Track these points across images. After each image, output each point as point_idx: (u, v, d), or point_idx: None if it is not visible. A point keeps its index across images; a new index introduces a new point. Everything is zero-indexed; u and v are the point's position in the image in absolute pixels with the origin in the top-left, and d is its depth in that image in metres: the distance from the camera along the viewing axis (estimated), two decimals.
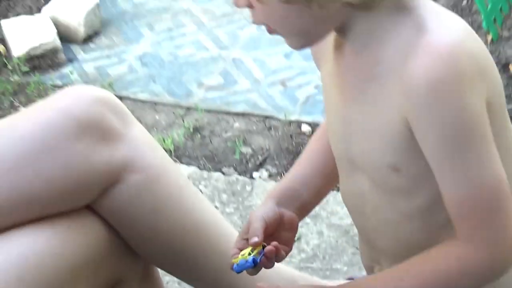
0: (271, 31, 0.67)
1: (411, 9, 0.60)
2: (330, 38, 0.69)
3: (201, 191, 1.54)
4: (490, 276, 0.67)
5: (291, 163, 1.57)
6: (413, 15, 0.60)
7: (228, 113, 1.67)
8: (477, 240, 0.66)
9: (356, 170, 0.76)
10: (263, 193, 1.52)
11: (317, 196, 0.88)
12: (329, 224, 1.47)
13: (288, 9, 0.60)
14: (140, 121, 1.41)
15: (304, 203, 0.84)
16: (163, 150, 1.06)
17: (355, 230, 1.56)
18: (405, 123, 0.64)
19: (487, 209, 0.65)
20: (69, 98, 0.97)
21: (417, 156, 0.66)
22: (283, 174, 1.57)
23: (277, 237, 0.78)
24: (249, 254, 0.73)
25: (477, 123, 0.62)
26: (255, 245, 0.74)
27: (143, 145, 0.99)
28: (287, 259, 1.39)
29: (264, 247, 0.75)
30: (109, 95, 1.00)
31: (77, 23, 1.84)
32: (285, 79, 1.68)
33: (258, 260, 0.74)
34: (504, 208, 0.63)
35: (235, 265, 0.76)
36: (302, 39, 0.68)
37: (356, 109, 0.70)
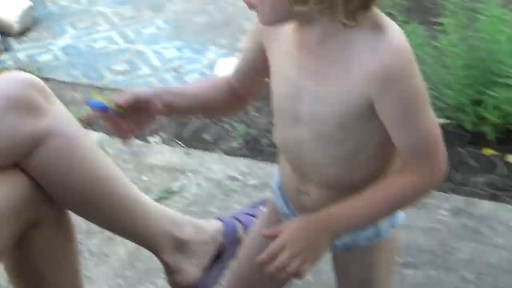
0: (250, 5, 0.76)
1: (372, 16, 0.71)
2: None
3: (106, 152, 1.71)
4: (428, 194, 0.85)
5: (179, 130, 1.88)
6: (373, 19, 0.72)
7: None
8: (425, 171, 0.81)
9: (298, 124, 0.88)
10: (156, 154, 1.81)
11: (185, 110, 1.03)
12: (206, 178, 1.71)
13: None
14: (62, 99, 1.69)
15: (174, 107, 0.95)
16: (78, 122, 1.18)
17: (227, 183, 1.76)
18: (367, 97, 0.77)
19: (431, 151, 0.80)
20: (3, 81, 1.10)
21: (365, 119, 0.81)
22: (173, 139, 1.86)
23: (136, 115, 0.90)
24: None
25: (423, 94, 0.77)
26: (115, 103, 0.84)
27: (61, 118, 1.11)
28: (173, 204, 1.56)
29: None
30: (35, 78, 1.12)
31: (14, 20, 2.09)
32: (177, 66, 1.99)
33: (108, 110, 0.84)
34: (440, 150, 0.79)
35: (90, 99, 0.86)
36: (275, 18, 0.78)
37: (312, 81, 0.81)
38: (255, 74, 0.99)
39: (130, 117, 0.89)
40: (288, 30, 0.80)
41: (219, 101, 1.01)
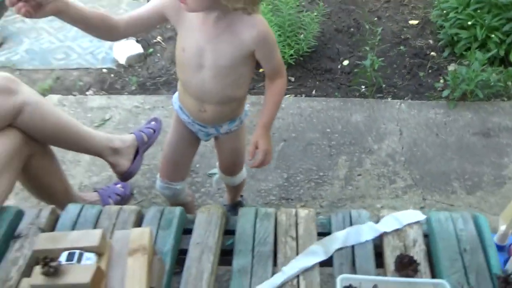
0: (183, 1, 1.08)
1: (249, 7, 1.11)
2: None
3: (64, 105, 2.39)
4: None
5: (102, 86, 2.54)
6: (249, 9, 1.12)
7: None
8: (282, 78, 1.32)
9: (202, 70, 1.25)
10: (91, 101, 2.40)
11: (71, 20, 1.13)
12: (122, 109, 2.34)
13: None
14: (29, 79, 2.40)
15: (65, 11, 1.09)
16: (39, 94, 1.56)
17: (134, 110, 2.30)
18: (250, 50, 1.21)
19: (282, 66, 1.31)
20: None
21: (247, 60, 1.25)
22: (99, 91, 2.47)
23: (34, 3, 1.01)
24: None
25: (275, 43, 1.26)
26: None
27: (29, 93, 1.47)
28: (108, 127, 2.13)
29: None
30: (8, 74, 1.46)
31: None
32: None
33: None
34: (284, 68, 1.32)
35: None
36: (199, 9, 1.13)
37: (213, 41, 1.20)
38: (140, 30, 1.35)
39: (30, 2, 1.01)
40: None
41: (100, 29, 1.20)
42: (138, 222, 1.27)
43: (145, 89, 2.59)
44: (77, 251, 1.06)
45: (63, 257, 1.05)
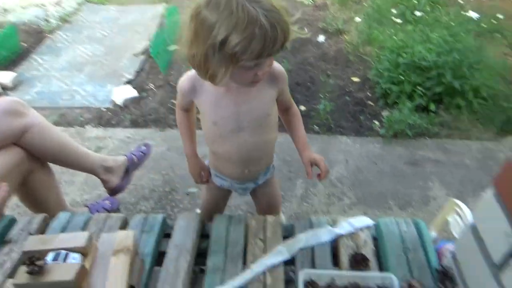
0: (257, 82, 0.94)
1: None
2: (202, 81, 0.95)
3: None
4: None
5: (99, 120, 2.46)
6: None
7: None
8: (292, 103, 1.17)
9: (241, 131, 1.06)
10: (87, 132, 2.28)
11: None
12: (116, 139, 2.22)
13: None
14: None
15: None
16: (45, 119, 1.41)
17: (125, 140, 2.29)
18: (277, 92, 1.06)
19: (292, 101, 1.17)
20: (1, 101, 1.34)
21: (274, 104, 1.09)
22: (95, 123, 2.50)
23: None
24: None
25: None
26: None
27: (35, 117, 1.38)
28: (102, 153, 2.29)
29: None
30: (17, 98, 1.36)
31: (9, 81, 2.57)
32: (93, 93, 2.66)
33: None
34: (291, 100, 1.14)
35: None
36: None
37: (245, 102, 1.02)
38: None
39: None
40: (207, 84, 0.94)
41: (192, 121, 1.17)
42: (124, 228, 1.14)
43: (137, 124, 2.50)
44: (63, 252, 0.92)
45: (49, 257, 0.91)
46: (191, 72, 0.99)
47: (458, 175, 2.18)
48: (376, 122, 2.53)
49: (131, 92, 2.71)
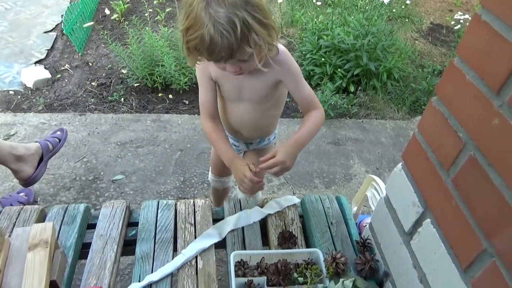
0: (240, 73, 0.97)
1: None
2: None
3: None
4: (324, 118, 1.10)
5: (8, 106, 2.24)
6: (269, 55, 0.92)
7: None
8: (318, 108, 1.09)
9: (241, 102, 1.13)
10: None
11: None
12: (28, 125, 2.06)
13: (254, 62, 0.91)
14: None
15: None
16: None
17: (39, 126, 2.32)
18: (276, 79, 1.05)
19: (314, 98, 1.09)
20: None
21: (275, 89, 1.09)
22: (4, 110, 2.29)
23: None
24: None
25: (300, 72, 1.06)
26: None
27: None
28: (14, 140, 2.18)
29: None
30: None
31: None
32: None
33: None
34: (317, 98, 1.09)
35: None
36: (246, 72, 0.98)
37: (247, 81, 1.06)
38: (216, 96, 1.14)
39: None
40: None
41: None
42: (41, 221, 1.06)
43: (52, 109, 2.32)
44: None
45: None
46: None
47: (375, 152, 2.34)
48: None
49: (43, 73, 2.50)
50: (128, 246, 1.06)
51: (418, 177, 0.79)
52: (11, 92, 2.37)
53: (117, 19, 3.14)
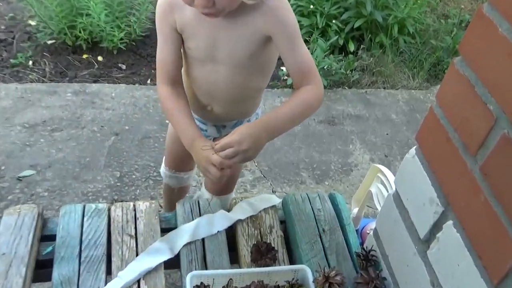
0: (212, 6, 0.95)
1: None
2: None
3: None
4: (321, 98, 1.09)
5: None
6: None
7: None
8: (315, 83, 1.07)
9: (215, 64, 1.11)
10: None
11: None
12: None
13: None
14: None
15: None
16: None
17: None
18: (265, 34, 1.04)
19: (312, 68, 1.07)
20: None
21: (263, 49, 1.07)
22: None
23: None
24: None
25: (298, 28, 1.05)
26: None
27: None
28: None
29: None
30: None
31: None
32: None
33: None
34: (315, 68, 1.08)
35: None
36: (228, 9, 0.99)
37: (224, 31, 1.06)
38: (180, 53, 1.16)
39: None
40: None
41: (190, 102, 1.18)
42: None
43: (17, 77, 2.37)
44: None
45: None
46: None
47: (383, 134, 2.39)
48: (284, 69, 2.61)
49: None
50: (42, 268, 1.06)
51: (436, 165, 0.81)
52: None
53: None
